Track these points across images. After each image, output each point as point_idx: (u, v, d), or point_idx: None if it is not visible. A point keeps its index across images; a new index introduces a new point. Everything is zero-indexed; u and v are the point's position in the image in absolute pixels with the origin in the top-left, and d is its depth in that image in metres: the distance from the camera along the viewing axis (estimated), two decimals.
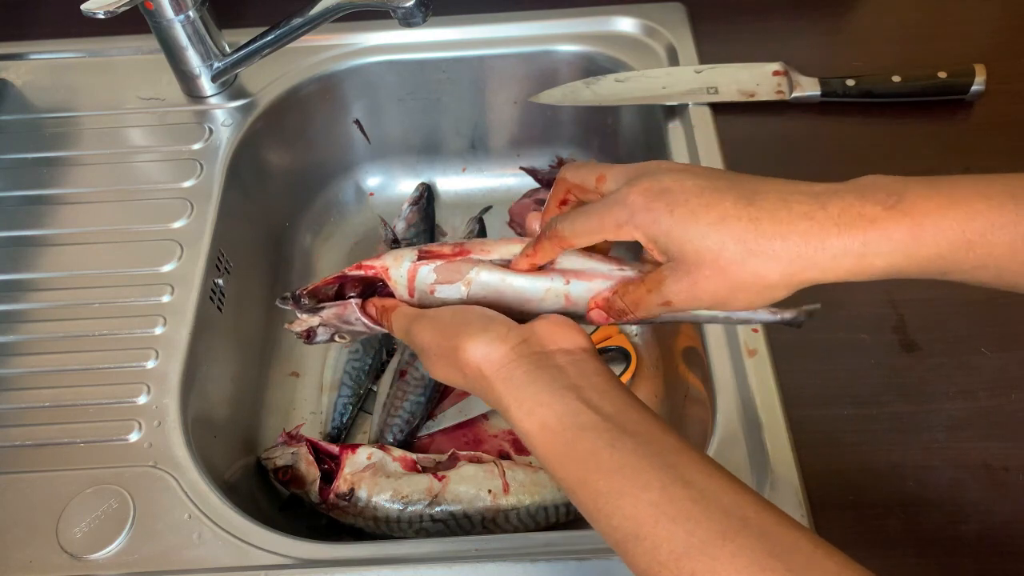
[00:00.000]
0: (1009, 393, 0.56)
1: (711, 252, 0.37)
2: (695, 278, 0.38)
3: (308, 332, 0.51)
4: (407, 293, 0.48)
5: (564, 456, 0.37)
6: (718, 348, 0.59)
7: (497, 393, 0.39)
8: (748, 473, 0.53)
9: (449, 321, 0.43)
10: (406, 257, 0.48)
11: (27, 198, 0.70)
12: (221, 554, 0.52)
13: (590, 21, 0.81)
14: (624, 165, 0.42)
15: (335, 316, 0.49)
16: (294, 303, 0.49)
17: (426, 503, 0.62)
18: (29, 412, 0.58)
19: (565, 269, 0.46)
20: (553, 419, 0.37)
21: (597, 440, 0.36)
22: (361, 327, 0.49)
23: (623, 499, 0.35)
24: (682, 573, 0.32)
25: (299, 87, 0.79)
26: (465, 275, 0.47)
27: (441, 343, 0.42)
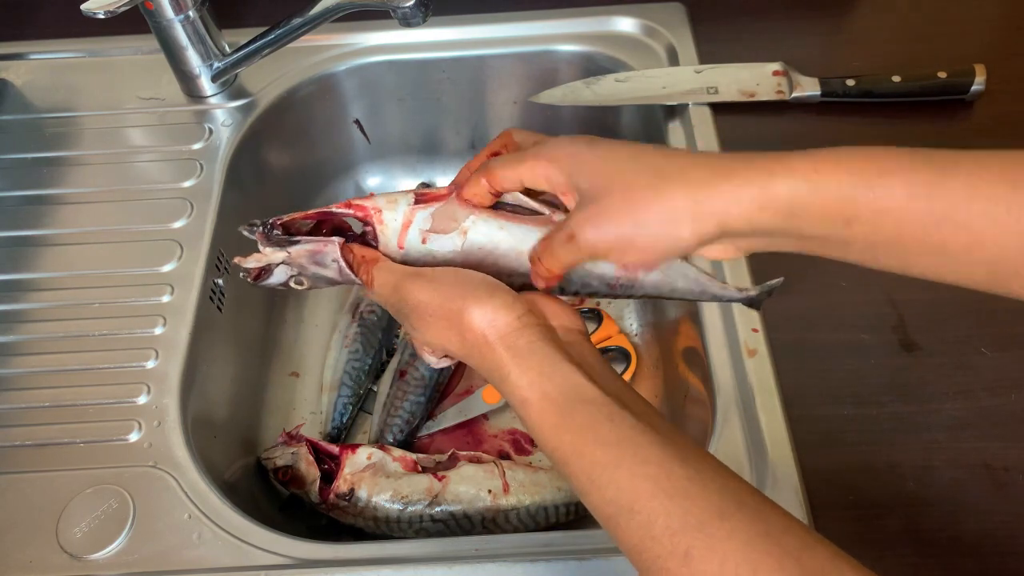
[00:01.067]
0: (1009, 393, 0.56)
1: (623, 179, 0.39)
2: (601, 206, 0.39)
3: (262, 270, 0.46)
4: (396, 241, 0.45)
5: (561, 426, 0.37)
6: (718, 348, 0.59)
7: (499, 359, 0.39)
8: (748, 473, 0.53)
9: (453, 282, 0.42)
10: (402, 200, 0.45)
11: (27, 198, 0.70)
12: (221, 554, 0.52)
13: (590, 21, 0.81)
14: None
15: (308, 254, 0.45)
16: (262, 231, 0.45)
17: (426, 503, 0.62)
18: (29, 412, 0.58)
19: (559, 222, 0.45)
20: (554, 389, 0.37)
21: (597, 413, 0.36)
22: (333, 272, 0.45)
23: (619, 471, 0.35)
24: (676, 549, 0.32)
25: (299, 87, 0.79)
26: (461, 223, 0.45)
27: (444, 304, 0.41)
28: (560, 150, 0.41)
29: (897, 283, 0.61)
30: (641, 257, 0.41)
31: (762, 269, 0.63)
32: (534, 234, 0.45)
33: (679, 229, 0.38)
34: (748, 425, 0.55)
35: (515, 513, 0.62)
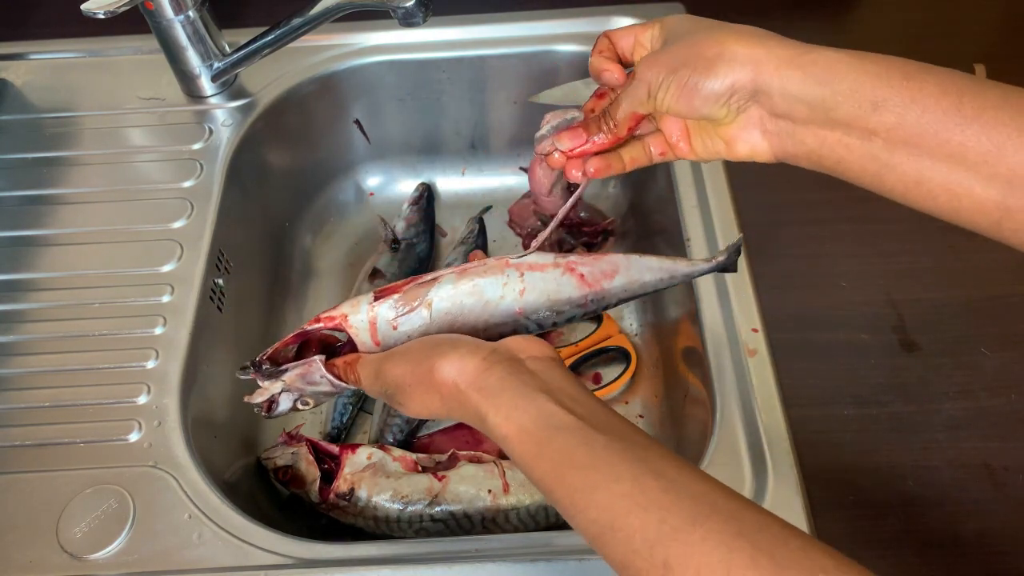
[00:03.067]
0: (1009, 393, 0.56)
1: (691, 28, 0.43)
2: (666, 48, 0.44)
3: (269, 403, 0.49)
4: (370, 337, 0.48)
5: (540, 456, 0.38)
6: (718, 348, 0.59)
7: (474, 403, 0.40)
8: (748, 473, 0.53)
9: (419, 349, 0.44)
10: (363, 301, 0.49)
11: (27, 198, 0.70)
12: (221, 554, 0.52)
13: (590, 21, 0.81)
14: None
15: (299, 377, 0.48)
16: (255, 371, 0.48)
17: (426, 503, 0.62)
18: (29, 412, 0.58)
19: (519, 263, 0.49)
20: (528, 422, 0.39)
21: (571, 439, 0.38)
22: (326, 386, 0.48)
23: (597, 492, 0.36)
24: (655, 560, 0.33)
25: (299, 87, 0.79)
26: (424, 298, 0.48)
27: (414, 370, 0.43)
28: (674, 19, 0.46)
29: (897, 283, 0.62)
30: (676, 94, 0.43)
31: (761, 272, 0.63)
32: (496, 283, 0.48)
33: (717, 67, 0.41)
34: (748, 425, 0.55)
35: (515, 513, 0.62)
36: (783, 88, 0.40)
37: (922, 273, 0.62)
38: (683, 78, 0.42)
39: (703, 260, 0.51)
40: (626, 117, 0.46)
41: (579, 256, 0.50)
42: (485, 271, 0.48)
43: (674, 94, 0.43)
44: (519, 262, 0.49)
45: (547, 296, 0.48)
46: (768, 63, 0.40)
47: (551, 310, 0.49)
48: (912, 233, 0.64)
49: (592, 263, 0.49)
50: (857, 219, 0.65)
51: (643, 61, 0.44)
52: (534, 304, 0.49)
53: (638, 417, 0.74)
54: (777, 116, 0.41)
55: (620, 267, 0.50)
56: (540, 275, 0.48)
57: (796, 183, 0.68)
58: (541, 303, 0.48)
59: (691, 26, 0.44)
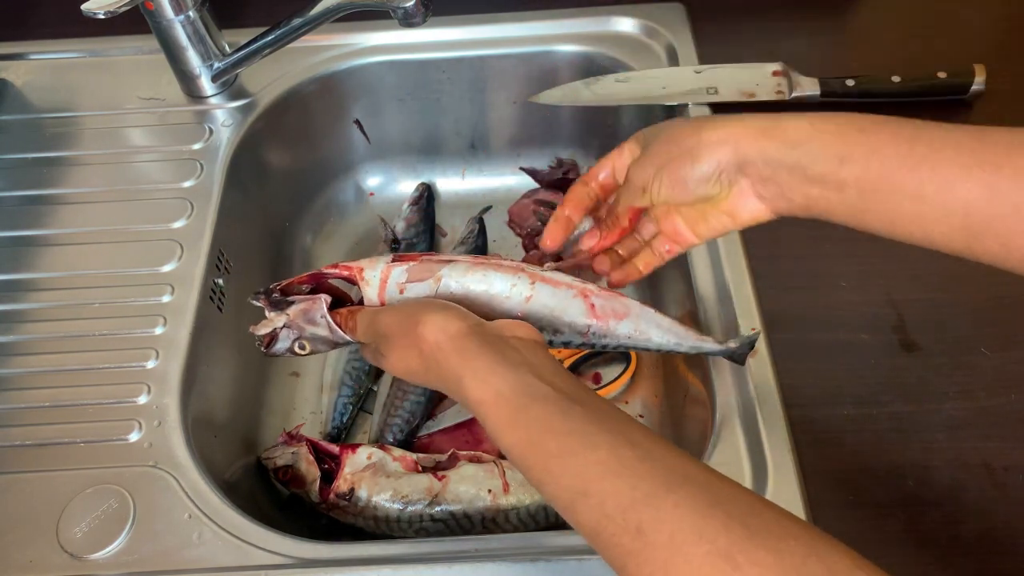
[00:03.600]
0: (1009, 393, 0.56)
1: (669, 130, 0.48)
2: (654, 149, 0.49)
3: (271, 337, 0.51)
4: (377, 294, 0.50)
5: (516, 421, 0.39)
6: None
7: (451, 364, 0.41)
8: (748, 473, 0.53)
9: (412, 304, 0.47)
10: (381, 260, 0.51)
11: (27, 198, 0.70)
12: (221, 554, 0.52)
13: (590, 21, 0.81)
14: None
15: (302, 313, 0.50)
16: (265, 297, 0.50)
17: (426, 503, 0.62)
18: (29, 412, 0.58)
19: (535, 272, 0.50)
20: (507, 387, 0.40)
21: (549, 407, 0.39)
22: (324, 329, 0.50)
23: (573, 458, 0.37)
24: (628, 524, 0.34)
25: (299, 87, 0.79)
26: (435, 273, 0.49)
27: (402, 321, 0.45)
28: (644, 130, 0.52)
29: (897, 283, 0.62)
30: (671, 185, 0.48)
31: (761, 272, 0.63)
32: (506, 281, 0.49)
33: (702, 152, 0.46)
34: (748, 425, 0.55)
35: (515, 513, 0.62)
36: (763, 156, 0.44)
37: (922, 273, 0.62)
38: (673, 171, 0.47)
39: (715, 340, 0.52)
40: (625, 211, 0.52)
41: (598, 287, 0.51)
42: (499, 267, 0.50)
43: (668, 185, 0.48)
44: (534, 271, 0.50)
45: (550, 311, 0.49)
46: (744, 138, 0.45)
47: (551, 327, 0.50)
48: None
49: (607, 298, 0.51)
50: None
51: (633, 166, 0.50)
52: (536, 314, 0.49)
53: (638, 417, 0.74)
54: (765, 181, 0.45)
55: (632, 312, 0.51)
56: (551, 289, 0.49)
57: None
58: (543, 316, 0.49)
59: (663, 126, 0.50)
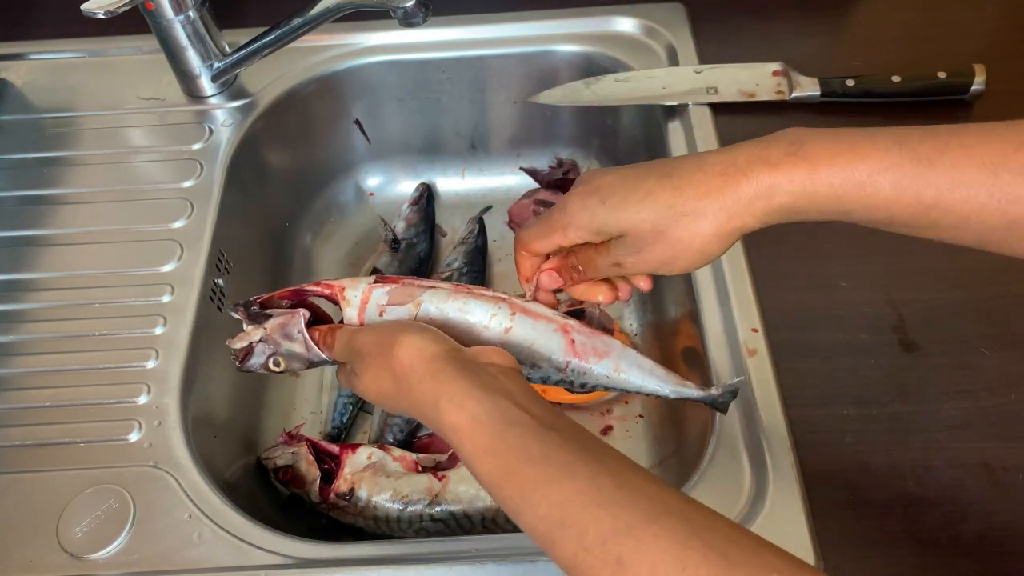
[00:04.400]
0: (1009, 393, 0.56)
1: (647, 223, 0.42)
2: (639, 247, 0.43)
3: (246, 351, 0.50)
4: (357, 314, 0.49)
5: (493, 448, 0.38)
6: (718, 348, 0.59)
7: (425, 387, 0.40)
8: (748, 473, 0.53)
9: (390, 325, 0.46)
10: (363, 281, 0.50)
11: (27, 198, 0.70)
12: (221, 554, 0.52)
13: (590, 21, 0.81)
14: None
15: (279, 327, 0.49)
16: (244, 310, 0.49)
17: (426, 503, 0.62)
18: (29, 412, 0.58)
19: (516, 303, 0.49)
20: (483, 413, 0.38)
21: (526, 434, 0.38)
22: (300, 345, 0.49)
23: (551, 487, 0.35)
24: (608, 556, 0.33)
25: (299, 87, 0.79)
26: (416, 297, 0.49)
27: (379, 341, 0.44)
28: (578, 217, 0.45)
29: (897, 283, 0.62)
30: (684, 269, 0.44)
31: (761, 272, 0.63)
32: (486, 310, 0.48)
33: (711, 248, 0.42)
34: (748, 425, 0.55)
35: None
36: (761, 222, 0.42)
37: (922, 273, 0.62)
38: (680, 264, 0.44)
39: (696, 386, 0.50)
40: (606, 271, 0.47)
41: (579, 323, 0.50)
42: (480, 296, 0.49)
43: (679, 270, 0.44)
44: (515, 301, 0.49)
45: (529, 344, 0.48)
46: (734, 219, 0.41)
47: (529, 360, 0.49)
48: None
49: (589, 335, 0.49)
50: None
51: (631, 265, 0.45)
52: (515, 346, 0.48)
53: (638, 417, 0.74)
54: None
55: (613, 352, 0.49)
56: (531, 322, 0.48)
57: None
58: (522, 348, 0.48)
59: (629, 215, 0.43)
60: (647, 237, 0.43)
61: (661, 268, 0.44)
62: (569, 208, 0.45)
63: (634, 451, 0.72)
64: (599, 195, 0.44)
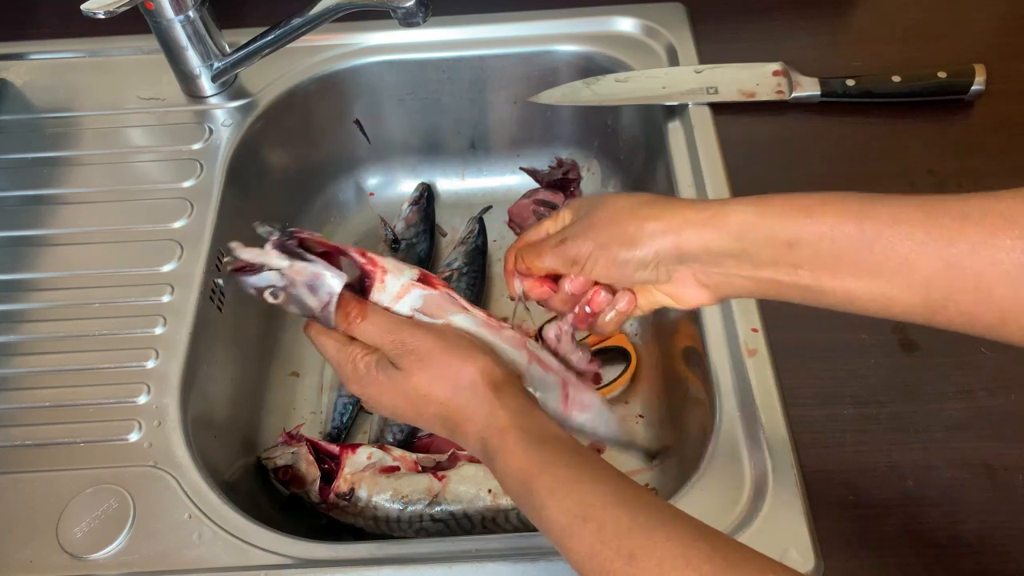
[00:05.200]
0: (1009, 393, 0.56)
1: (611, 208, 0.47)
2: (590, 221, 0.47)
3: (253, 267, 0.44)
4: (389, 302, 0.48)
5: (531, 448, 0.42)
6: (718, 348, 0.59)
7: (488, 399, 0.44)
8: (748, 473, 0.53)
9: (454, 336, 0.47)
10: (406, 273, 0.49)
11: (27, 198, 0.70)
12: (221, 554, 0.52)
13: (590, 21, 0.81)
14: None
15: (309, 275, 0.45)
16: (279, 237, 0.45)
17: (426, 503, 0.62)
18: (29, 412, 0.58)
19: (533, 351, 0.51)
20: (531, 423, 0.44)
21: (563, 445, 0.43)
22: (316, 302, 0.45)
23: (580, 485, 0.40)
24: (622, 550, 0.37)
25: (299, 87, 0.79)
26: (447, 316, 0.49)
27: (447, 349, 0.46)
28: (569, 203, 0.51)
29: None
30: (607, 265, 0.46)
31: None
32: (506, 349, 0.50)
33: (643, 240, 0.45)
34: (748, 425, 0.55)
35: (515, 513, 0.62)
36: (706, 248, 0.43)
37: None
38: (610, 253, 0.46)
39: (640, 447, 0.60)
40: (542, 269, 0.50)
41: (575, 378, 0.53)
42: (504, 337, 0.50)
43: (603, 266, 0.46)
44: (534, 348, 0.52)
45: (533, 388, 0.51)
46: (686, 229, 0.44)
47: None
48: None
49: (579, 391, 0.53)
50: None
51: (571, 236, 0.47)
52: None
53: (638, 417, 0.74)
54: (708, 271, 0.45)
55: (592, 408, 0.54)
56: (541, 373, 0.52)
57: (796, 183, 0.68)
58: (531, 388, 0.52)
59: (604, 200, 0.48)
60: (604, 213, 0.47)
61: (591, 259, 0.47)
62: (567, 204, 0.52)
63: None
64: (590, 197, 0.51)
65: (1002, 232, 0.36)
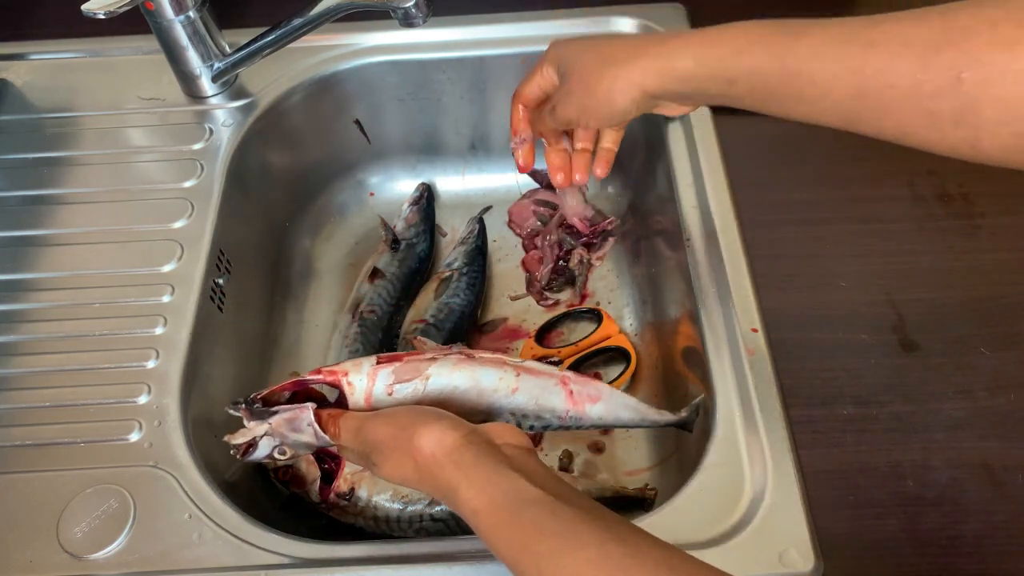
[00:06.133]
0: (1008, 393, 0.56)
1: (579, 65, 0.57)
2: (569, 86, 0.58)
3: (249, 445, 0.50)
4: (364, 399, 0.50)
5: (509, 526, 0.40)
6: (718, 348, 0.59)
7: (447, 475, 0.43)
8: (748, 473, 0.53)
9: (404, 415, 0.47)
10: (365, 363, 0.51)
11: (27, 198, 0.70)
12: (221, 554, 0.52)
13: (590, 21, 0.81)
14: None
15: (286, 423, 0.49)
16: (246, 407, 0.49)
17: (426, 503, 0.62)
18: (29, 412, 0.58)
19: (518, 364, 0.53)
20: (500, 495, 0.41)
21: (540, 511, 0.40)
22: (309, 436, 0.49)
23: (563, 558, 0.38)
24: None
25: (299, 87, 0.79)
26: (423, 372, 0.51)
27: (397, 434, 0.45)
28: (553, 50, 0.61)
29: (897, 283, 0.62)
30: (598, 120, 0.59)
31: (761, 272, 0.62)
32: (492, 375, 0.52)
33: (616, 97, 0.55)
34: (748, 425, 0.55)
35: None
36: (667, 90, 0.54)
37: (922, 273, 0.62)
38: (595, 111, 0.57)
39: (671, 413, 0.58)
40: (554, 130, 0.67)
41: (574, 374, 0.56)
42: (484, 362, 0.52)
43: (595, 121, 0.60)
44: (516, 362, 0.53)
45: (535, 400, 0.52)
46: (647, 79, 0.54)
47: (535, 413, 0.54)
48: (912, 233, 0.64)
49: (583, 383, 0.55)
50: (857, 219, 0.65)
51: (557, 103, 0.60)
52: (522, 405, 0.53)
53: None
54: (678, 98, 0.57)
55: (603, 396, 0.56)
56: (534, 380, 0.53)
57: (796, 183, 0.68)
58: (528, 405, 0.53)
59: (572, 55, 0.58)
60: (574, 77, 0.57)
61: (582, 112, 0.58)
62: (546, 53, 0.62)
63: (634, 451, 0.72)
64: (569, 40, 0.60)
65: (900, 57, 0.41)
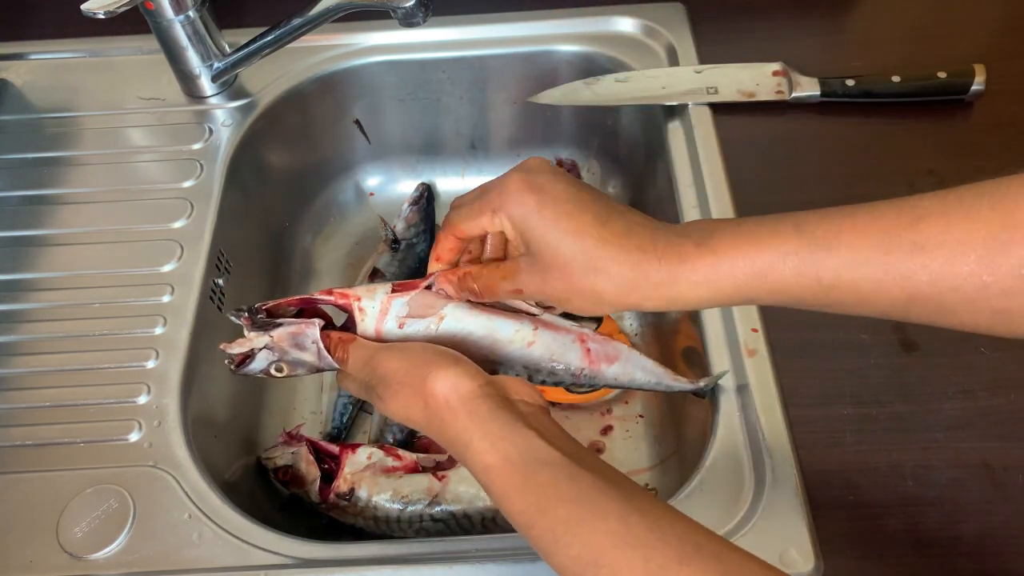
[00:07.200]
0: (1008, 393, 0.56)
1: (563, 259, 0.42)
2: (545, 276, 0.43)
3: (245, 356, 0.47)
4: (374, 326, 0.48)
5: (524, 487, 0.38)
6: (718, 348, 0.59)
7: (461, 424, 0.41)
8: (748, 473, 0.53)
9: (420, 352, 0.45)
10: (379, 290, 0.48)
11: (27, 198, 0.70)
12: (221, 554, 0.52)
13: (590, 21, 0.81)
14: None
15: (289, 337, 0.47)
16: (248, 316, 0.47)
17: (426, 503, 0.62)
18: (29, 412, 0.58)
19: (536, 317, 0.50)
20: (515, 452, 0.39)
21: (557, 473, 0.38)
22: (311, 355, 0.47)
23: (582, 527, 0.36)
24: None
25: (299, 87, 0.79)
26: (438, 310, 0.48)
27: (410, 370, 0.43)
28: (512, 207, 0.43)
29: None
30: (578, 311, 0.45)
31: None
32: (510, 326, 0.49)
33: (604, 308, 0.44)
34: (748, 425, 0.55)
35: None
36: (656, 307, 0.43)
37: None
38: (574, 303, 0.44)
39: (687, 379, 0.55)
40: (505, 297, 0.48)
41: (593, 332, 0.52)
42: (501, 312, 0.49)
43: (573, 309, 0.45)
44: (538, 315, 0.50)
45: (551, 355, 0.50)
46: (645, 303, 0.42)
47: (548, 369, 0.51)
48: None
49: (601, 342, 0.52)
50: None
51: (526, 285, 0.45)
52: (537, 359, 0.50)
53: (638, 417, 0.74)
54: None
55: (621, 356, 0.53)
56: (552, 335, 0.50)
57: (796, 183, 0.68)
58: (543, 360, 0.50)
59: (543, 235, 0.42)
60: (554, 270, 0.42)
61: (554, 302, 0.45)
62: (507, 192, 0.43)
63: (634, 451, 0.72)
64: (539, 197, 0.43)
65: (959, 262, 0.36)
